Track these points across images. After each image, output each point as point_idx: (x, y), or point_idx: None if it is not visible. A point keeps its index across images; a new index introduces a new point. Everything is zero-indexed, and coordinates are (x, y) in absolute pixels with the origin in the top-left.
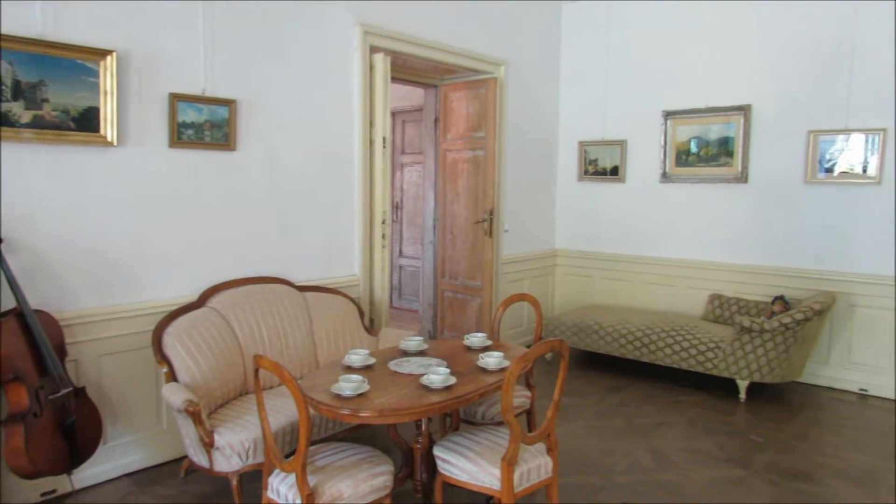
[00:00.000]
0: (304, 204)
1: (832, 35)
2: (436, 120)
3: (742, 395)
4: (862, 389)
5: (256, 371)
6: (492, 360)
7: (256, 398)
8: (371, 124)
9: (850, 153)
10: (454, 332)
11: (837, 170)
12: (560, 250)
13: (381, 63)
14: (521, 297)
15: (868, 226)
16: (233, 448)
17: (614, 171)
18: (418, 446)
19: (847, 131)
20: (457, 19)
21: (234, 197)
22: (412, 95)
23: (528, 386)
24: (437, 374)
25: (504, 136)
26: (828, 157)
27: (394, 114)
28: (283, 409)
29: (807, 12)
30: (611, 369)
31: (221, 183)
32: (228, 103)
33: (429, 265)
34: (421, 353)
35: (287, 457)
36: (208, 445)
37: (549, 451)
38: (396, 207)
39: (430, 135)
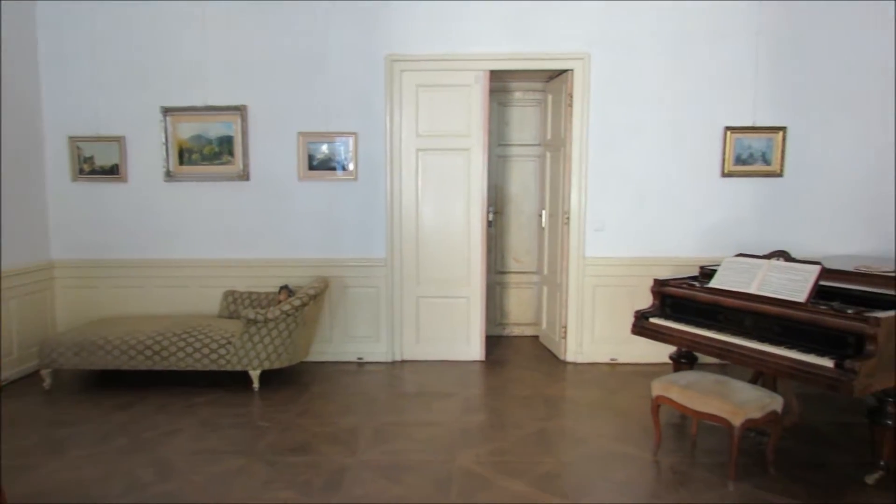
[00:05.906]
0: None
1: (310, 49)
2: None
3: (256, 385)
4: (359, 358)
5: None
6: None
7: None
8: None
9: (336, 153)
10: None
11: (324, 167)
12: (58, 261)
13: None
14: None
15: (350, 216)
16: None
17: (114, 170)
18: None
19: (328, 134)
20: None
21: None
22: None
23: None
24: None
25: None
26: (318, 156)
27: None
28: None
29: (288, 27)
30: (122, 385)
31: None
32: None
33: None
34: None
35: None
36: None
37: None
38: None
39: None
